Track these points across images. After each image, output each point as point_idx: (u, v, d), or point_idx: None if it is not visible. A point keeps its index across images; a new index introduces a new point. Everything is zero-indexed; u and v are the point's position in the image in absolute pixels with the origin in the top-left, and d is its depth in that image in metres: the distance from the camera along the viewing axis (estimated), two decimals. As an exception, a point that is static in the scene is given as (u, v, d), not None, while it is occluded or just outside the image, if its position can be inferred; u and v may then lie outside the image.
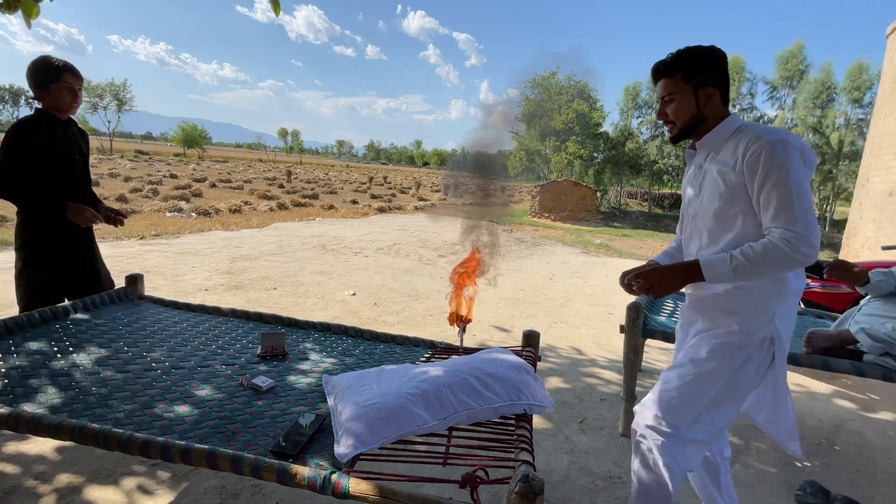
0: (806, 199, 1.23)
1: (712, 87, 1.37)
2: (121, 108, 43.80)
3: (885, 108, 6.52)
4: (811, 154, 1.29)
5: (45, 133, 2.04)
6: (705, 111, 1.38)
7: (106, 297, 2.16)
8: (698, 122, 1.39)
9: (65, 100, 2.08)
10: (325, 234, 8.36)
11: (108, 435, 1.17)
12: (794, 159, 1.23)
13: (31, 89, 2.07)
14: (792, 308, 1.35)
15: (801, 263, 1.23)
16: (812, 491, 1.99)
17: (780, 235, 1.22)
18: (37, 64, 2.06)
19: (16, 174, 1.98)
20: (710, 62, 1.36)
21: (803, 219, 1.21)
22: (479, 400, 1.34)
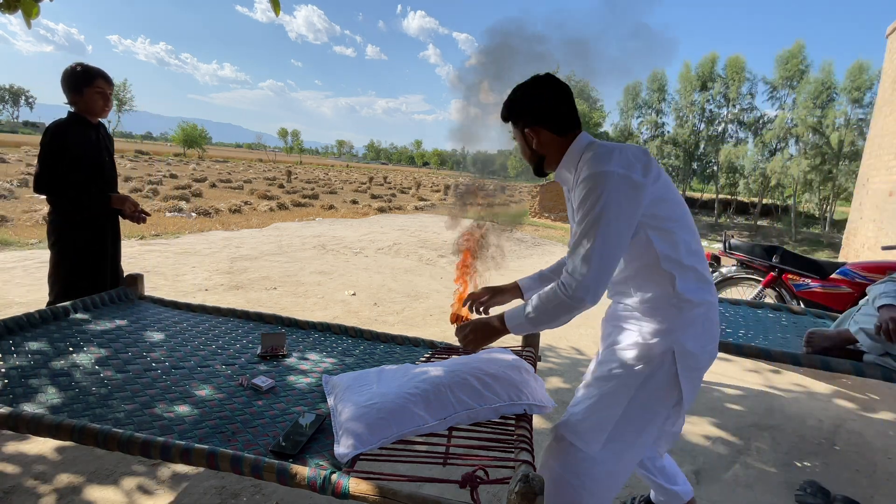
0: (606, 244, 1.16)
1: (533, 125, 1.32)
2: (121, 108, 43.80)
3: (885, 108, 6.53)
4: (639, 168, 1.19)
5: (78, 135, 2.17)
6: (538, 150, 1.35)
7: (106, 297, 2.16)
8: (539, 160, 1.37)
9: (97, 104, 2.22)
10: (325, 234, 8.37)
11: (108, 435, 1.17)
12: (615, 194, 1.16)
13: (66, 93, 2.20)
14: (698, 319, 1.25)
15: (578, 309, 1.20)
16: (812, 491, 1.99)
17: (561, 279, 1.21)
18: (73, 69, 2.19)
19: (54, 172, 2.11)
20: (525, 101, 1.33)
21: (596, 263, 1.16)
22: (479, 400, 1.34)
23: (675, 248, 1.24)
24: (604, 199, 1.16)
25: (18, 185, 12.56)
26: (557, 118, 1.31)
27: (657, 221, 1.23)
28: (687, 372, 1.25)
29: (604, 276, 1.18)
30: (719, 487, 2.07)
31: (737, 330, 2.53)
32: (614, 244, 1.17)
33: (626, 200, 1.17)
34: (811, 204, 24.80)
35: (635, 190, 1.18)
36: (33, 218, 7.96)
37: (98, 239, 2.28)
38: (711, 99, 25.80)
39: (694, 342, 1.25)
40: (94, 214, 2.24)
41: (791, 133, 22.41)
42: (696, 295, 1.24)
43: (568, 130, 1.32)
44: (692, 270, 1.25)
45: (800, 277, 3.61)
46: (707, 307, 1.27)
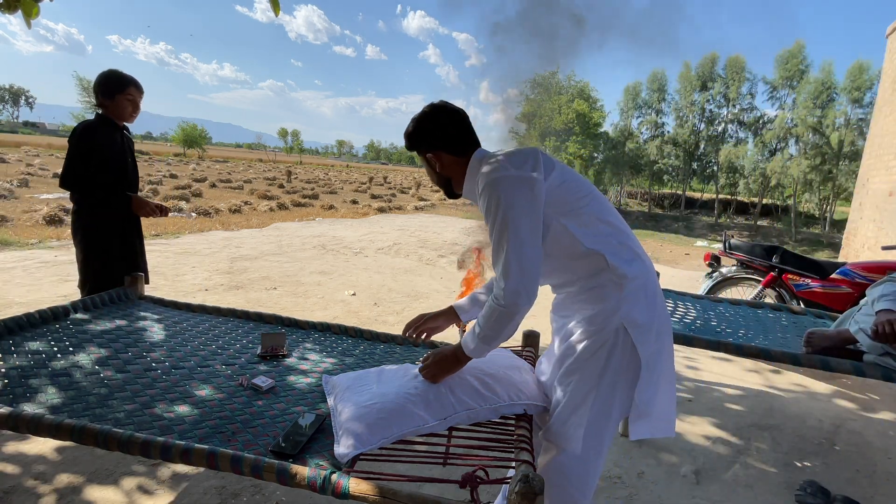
0: (518, 244, 1.18)
1: (436, 150, 1.37)
2: (121, 108, 43.69)
3: (885, 108, 6.53)
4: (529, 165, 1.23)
5: (106, 137, 2.27)
6: (442, 173, 1.40)
7: (106, 297, 2.16)
8: (446, 182, 1.42)
9: (126, 110, 2.32)
10: (325, 234, 8.37)
11: (108, 435, 1.17)
12: (512, 197, 1.19)
13: (97, 96, 2.30)
14: (639, 291, 1.26)
15: (518, 315, 1.22)
16: (812, 491, 1.99)
17: (494, 292, 1.23)
18: (107, 75, 2.29)
19: (81, 171, 2.21)
20: (422, 130, 1.38)
21: (515, 266, 1.18)
22: (479, 400, 1.34)
23: (592, 227, 1.26)
24: (503, 203, 1.20)
25: (18, 185, 12.55)
26: (454, 140, 1.37)
27: (565, 207, 1.26)
28: (642, 339, 1.25)
29: (528, 276, 1.19)
30: (719, 487, 2.07)
31: (737, 330, 2.53)
32: (528, 242, 1.20)
33: (524, 198, 1.21)
34: (811, 204, 24.80)
35: (530, 185, 1.22)
36: (33, 218, 7.97)
37: (122, 235, 2.38)
38: (711, 99, 25.81)
39: (641, 313, 1.25)
40: (117, 213, 2.34)
41: (791, 133, 22.41)
42: (630, 268, 1.25)
43: (466, 150, 1.38)
44: (619, 245, 1.27)
45: (800, 277, 3.61)
46: (644, 278, 1.28)
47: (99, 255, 2.32)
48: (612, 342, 1.26)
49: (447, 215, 14.09)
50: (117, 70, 2.35)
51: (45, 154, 28.41)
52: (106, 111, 2.31)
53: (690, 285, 6.16)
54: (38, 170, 17.26)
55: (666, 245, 13.41)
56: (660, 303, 1.32)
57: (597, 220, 1.28)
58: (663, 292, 3.06)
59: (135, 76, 2.33)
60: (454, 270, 6.31)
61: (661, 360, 1.29)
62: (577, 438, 1.28)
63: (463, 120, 1.39)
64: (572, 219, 1.26)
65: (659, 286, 1.34)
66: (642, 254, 1.33)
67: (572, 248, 1.27)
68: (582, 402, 1.29)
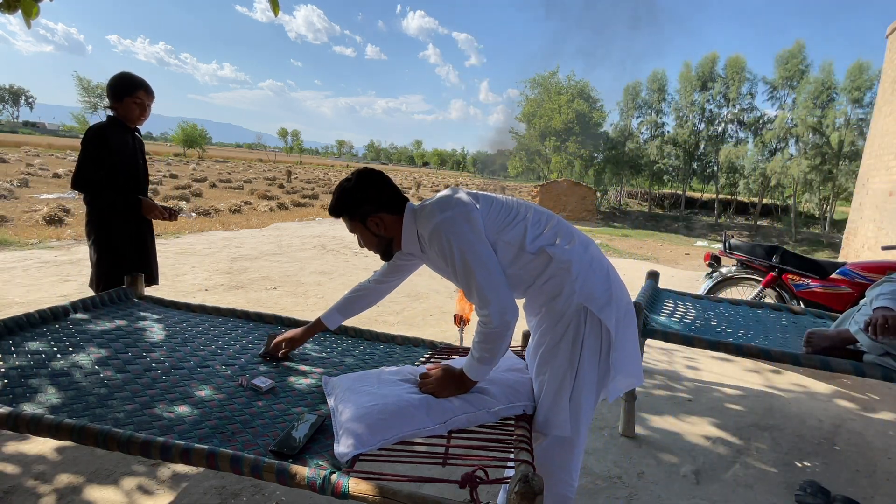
0: (484, 271, 1.28)
1: (376, 213, 1.41)
2: (121, 109, 43.67)
3: (885, 108, 6.53)
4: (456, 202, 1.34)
5: (117, 139, 2.31)
6: (385, 234, 1.44)
7: (106, 297, 2.16)
8: (388, 243, 1.47)
9: (134, 112, 2.36)
10: (325, 234, 8.37)
11: (108, 435, 1.17)
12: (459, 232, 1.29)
13: (108, 98, 2.36)
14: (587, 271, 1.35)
15: (508, 331, 1.30)
16: (812, 491, 1.99)
17: (480, 320, 1.31)
18: (118, 78, 2.34)
19: (94, 170, 2.24)
20: (362, 193, 1.40)
21: (490, 292, 1.27)
22: (478, 403, 1.34)
23: (529, 231, 1.36)
24: (454, 241, 1.29)
25: (18, 185, 12.55)
26: (391, 200, 1.43)
27: (500, 224, 1.37)
28: (604, 310, 1.33)
29: (503, 297, 1.28)
30: (719, 487, 2.07)
31: (737, 330, 2.53)
32: (490, 267, 1.29)
33: (469, 230, 1.31)
34: (811, 204, 24.80)
35: (467, 217, 1.32)
36: (33, 218, 7.96)
37: (135, 235, 2.42)
38: (711, 99, 25.80)
39: (594, 288, 1.34)
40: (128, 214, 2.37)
41: (791, 133, 22.40)
42: (571, 252, 1.35)
43: (401, 207, 1.44)
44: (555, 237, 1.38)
45: (800, 277, 3.61)
46: (588, 256, 1.38)
47: (110, 254, 2.36)
48: (577, 322, 1.33)
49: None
50: (129, 73, 2.38)
51: (45, 154, 28.41)
52: (115, 113, 2.35)
53: (690, 285, 6.16)
54: (38, 170, 17.26)
55: (666, 245, 13.41)
56: (610, 272, 1.42)
57: (530, 223, 1.38)
58: (664, 292, 3.08)
59: (143, 76, 2.37)
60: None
61: (626, 322, 1.39)
62: (564, 421, 1.34)
63: (389, 181, 1.46)
64: (510, 231, 1.36)
65: (603, 258, 1.45)
66: (578, 237, 1.42)
67: (519, 256, 1.36)
68: (560, 386, 1.35)
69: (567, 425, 1.34)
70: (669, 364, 3.53)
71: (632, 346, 1.41)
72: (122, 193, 2.33)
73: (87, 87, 42.00)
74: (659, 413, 2.72)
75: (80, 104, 42.85)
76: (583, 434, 1.40)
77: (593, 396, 1.38)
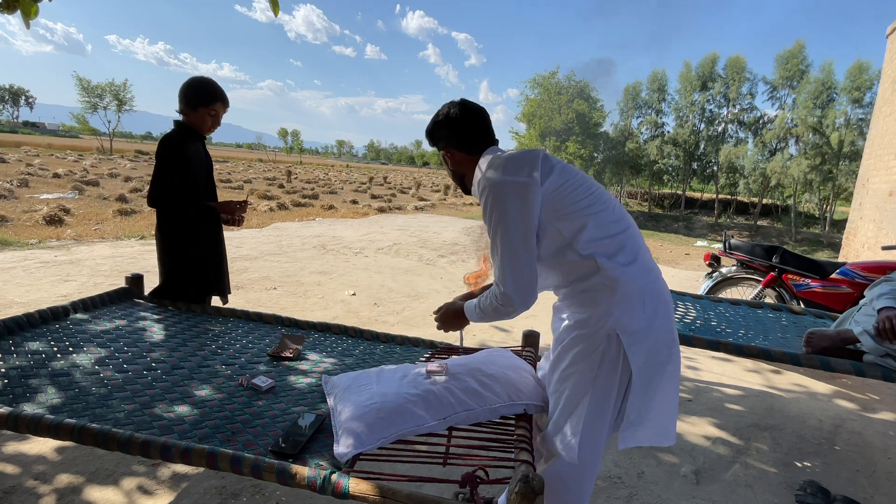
0: (512, 251, 1.23)
1: (447, 148, 1.44)
2: (121, 108, 43.71)
3: (885, 108, 6.53)
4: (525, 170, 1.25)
5: (190, 147, 2.20)
6: (457, 169, 1.46)
7: (106, 297, 2.17)
8: (461, 178, 1.48)
9: (206, 123, 2.24)
10: (325, 234, 8.37)
11: (108, 435, 1.17)
12: (504, 203, 1.23)
13: (180, 102, 2.21)
14: (635, 296, 1.22)
15: (512, 314, 1.29)
16: (812, 491, 1.99)
17: (492, 290, 1.32)
18: (195, 86, 2.19)
19: (170, 182, 2.13)
20: (436, 130, 1.44)
21: (509, 273, 1.24)
22: (478, 400, 1.34)
23: (588, 231, 1.24)
24: (497, 209, 1.24)
25: (18, 185, 12.55)
26: (466, 138, 1.41)
27: (561, 210, 1.25)
28: (634, 347, 1.22)
29: (521, 283, 1.24)
30: (719, 487, 2.07)
31: (737, 330, 2.53)
32: (521, 250, 1.23)
33: (517, 205, 1.23)
34: (811, 204, 24.79)
35: (523, 192, 1.23)
36: (33, 218, 7.96)
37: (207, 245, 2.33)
38: (711, 99, 25.78)
39: (634, 320, 1.22)
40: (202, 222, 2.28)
41: (791, 133, 22.39)
42: (624, 272, 1.22)
43: (478, 149, 1.41)
44: (616, 249, 1.24)
45: (800, 277, 3.61)
46: (641, 282, 1.24)
47: (186, 269, 2.29)
48: (605, 348, 1.24)
49: (447, 215, 14.08)
50: (206, 80, 2.23)
51: (45, 154, 28.41)
52: (185, 120, 2.22)
53: (690, 285, 6.16)
54: (38, 170, 17.26)
55: (666, 245, 13.41)
56: (662, 309, 1.26)
57: (595, 222, 1.25)
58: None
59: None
60: (454, 270, 6.30)
61: (658, 370, 1.25)
62: (573, 447, 1.27)
63: (479, 119, 1.41)
64: (568, 222, 1.25)
65: (664, 291, 1.29)
66: (643, 257, 1.28)
67: (564, 251, 1.26)
68: (575, 409, 1.28)
69: (576, 452, 1.26)
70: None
71: (664, 400, 1.27)
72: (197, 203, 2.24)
73: (87, 87, 41.92)
74: (659, 413, 2.72)
75: (80, 104, 42.79)
76: (597, 462, 1.31)
77: (609, 429, 1.30)
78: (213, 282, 2.38)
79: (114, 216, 8.99)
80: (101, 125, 44.07)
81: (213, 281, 2.38)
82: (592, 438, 1.27)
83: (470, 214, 15.12)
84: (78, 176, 16.14)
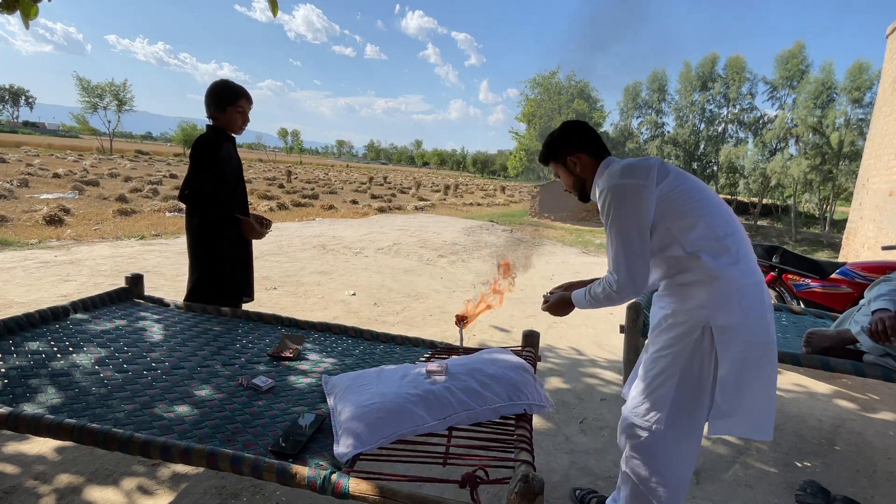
0: (627, 246, 1.38)
1: (575, 153, 1.56)
2: (121, 108, 43.71)
3: (885, 108, 6.53)
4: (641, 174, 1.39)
5: (223, 148, 2.25)
6: (581, 174, 1.58)
7: (106, 297, 2.16)
8: (582, 183, 1.60)
9: (237, 122, 2.30)
10: (324, 234, 8.37)
11: (108, 435, 1.17)
12: (622, 203, 1.38)
13: (208, 108, 2.28)
14: (733, 295, 1.32)
15: (622, 301, 1.45)
16: (812, 491, 1.99)
17: (605, 279, 1.47)
18: (219, 87, 2.27)
19: (203, 183, 2.17)
20: (565, 137, 1.58)
21: (623, 264, 1.39)
22: (478, 400, 1.34)
23: (696, 230, 1.36)
24: (616, 208, 1.39)
25: (18, 185, 12.56)
26: (593, 144, 1.56)
27: (673, 210, 1.38)
28: (724, 346, 1.31)
29: (635, 274, 1.37)
30: (719, 487, 2.07)
31: (737, 330, 2.53)
32: (636, 245, 1.37)
33: (634, 204, 1.37)
34: (811, 204, 24.78)
35: (639, 193, 1.37)
36: (33, 218, 7.96)
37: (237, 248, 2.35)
38: (711, 99, 25.79)
39: (728, 316, 1.31)
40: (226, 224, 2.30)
41: (791, 133, 22.39)
42: (725, 270, 1.32)
43: (602, 155, 1.56)
44: (720, 250, 1.35)
45: (800, 277, 3.61)
46: (740, 282, 1.33)
47: (215, 270, 2.30)
48: (698, 338, 1.35)
49: (447, 215, 14.08)
50: (228, 81, 2.31)
51: (45, 154, 28.41)
52: (216, 123, 2.29)
53: (690, 285, 6.15)
54: (38, 170, 17.26)
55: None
56: (757, 310, 1.34)
57: (703, 227, 1.36)
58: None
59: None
60: (454, 270, 6.31)
61: (752, 367, 1.32)
62: (657, 420, 1.39)
63: (593, 131, 1.59)
64: (677, 221, 1.37)
65: (763, 295, 1.37)
66: (746, 259, 1.38)
67: (673, 247, 1.38)
68: (661, 387, 1.40)
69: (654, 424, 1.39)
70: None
71: (759, 395, 1.34)
72: (229, 206, 2.27)
73: (87, 87, 41.94)
74: (659, 413, 2.72)
75: (80, 104, 42.79)
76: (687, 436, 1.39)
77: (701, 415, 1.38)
78: (241, 284, 2.42)
79: (114, 216, 8.99)
80: (101, 125, 44.10)
81: (242, 283, 2.42)
82: (681, 420, 1.38)
83: (470, 214, 15.13)
84: (78, 176, 16.14)
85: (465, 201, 21.05)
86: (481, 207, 19.76)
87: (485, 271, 6.41)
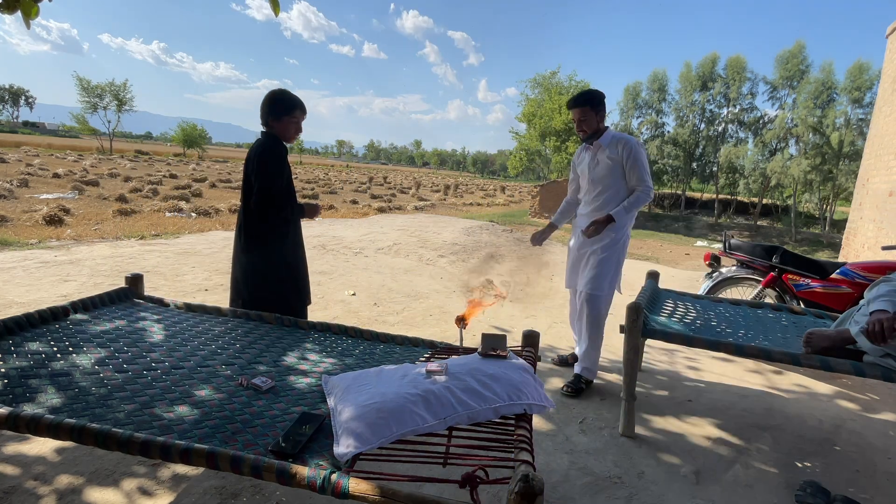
0: (647, 171, 2.74)
1: (600, 110, 2.78)
2: (121, 108, 43.69)
3: (885, 108, 6.53)
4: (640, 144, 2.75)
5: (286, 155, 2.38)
6: (600, 126, 2.80)
7: (106, 297, 2.16)
8: (596, 131, 2.80)
9: (290, 131, 2.42)
10: (324, 234, 8.37)
11: (108, 435, 1.17)
12: (641, 150, 2.71)
13: (263, 116, 2.36)
14: None
15: (650, 199, 2.75)
16: (812, 491, 1.99)
17: (640, 190, 2.73)
18: (276, 97, 2.35)
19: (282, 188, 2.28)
20: (602, 97, 2.80)
21: (647, 179, 2.74)
22: (478, 400, 1.34)
23: None
24: (641, 155, 2.70)
25: (18, 185, 12.56)
26: (603, 109, 2.82)
27: None
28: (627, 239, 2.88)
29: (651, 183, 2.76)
30: (719, 487, 2.07)
31: (737, 330, 2.53)
32: (648, 170, 2.76)
33: (644, 154, 2.71)
34: (811, 204, 24.77)
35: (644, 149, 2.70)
36: (33, 218, 7.96)
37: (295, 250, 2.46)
38: (712, 99, 25.77)
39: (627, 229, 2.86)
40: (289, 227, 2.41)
41: (791, 133, 22.39)
42: None
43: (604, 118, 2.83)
44: None
45: (800, 277, 3.61)
46: None
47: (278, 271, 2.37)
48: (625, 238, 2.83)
49: (447, 215, 14.09)
50: (286, 92, 2.39)
51: (44, 154, 28.42)
52: (271, 131, 2.36)
53: (690, 285, 6.16)
54: (38, 170, 17.26)
55: (666, 245, 13.41)
56: None
57: None
58: (664, 292, 3.09)
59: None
60: (454, 270, 6.30)
61: None
62: (609, 286, 2.81)
63: None
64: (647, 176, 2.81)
65: None
66: None
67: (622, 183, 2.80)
68: (610, 267, 2.78)
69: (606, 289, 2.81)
70: (670, 364, 3.52)
71: None
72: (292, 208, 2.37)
73: (86, 87, 41.93)
74: (659, 413, 2.72)
75: (79, 104, 42.77)
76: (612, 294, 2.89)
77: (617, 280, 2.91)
78: (301, 289, 2.49)
79: (114, 216, 8.99)
80: (101, 125, 44.08)
81: (302, 288, 2.50)
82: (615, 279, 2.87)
83: (470, 214, 15.13)
84: (78, 176, 16.14)
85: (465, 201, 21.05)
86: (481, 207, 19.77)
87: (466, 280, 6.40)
